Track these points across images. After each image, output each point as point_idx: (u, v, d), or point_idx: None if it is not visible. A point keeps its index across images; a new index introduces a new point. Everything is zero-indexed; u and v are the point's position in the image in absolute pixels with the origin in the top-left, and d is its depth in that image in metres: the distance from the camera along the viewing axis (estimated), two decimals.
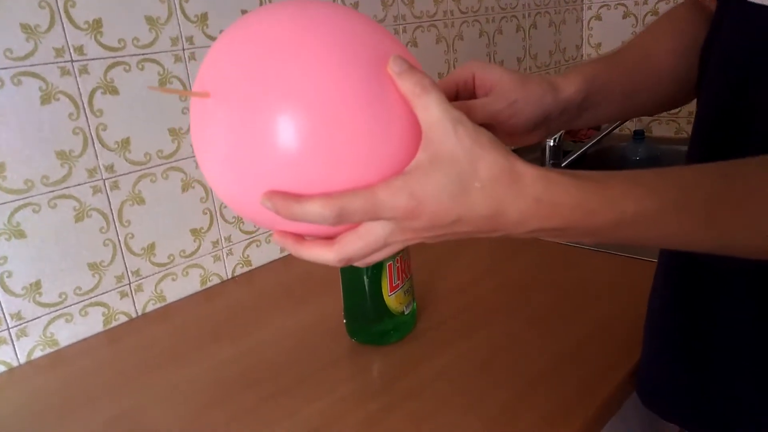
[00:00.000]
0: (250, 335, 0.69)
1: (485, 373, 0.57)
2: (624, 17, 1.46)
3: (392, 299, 0.63)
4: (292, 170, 0.33)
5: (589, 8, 1.53)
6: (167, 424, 0.55)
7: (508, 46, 1.35)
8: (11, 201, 0.66)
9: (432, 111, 0.34)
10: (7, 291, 0.66)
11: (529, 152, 1.37)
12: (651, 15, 1.42)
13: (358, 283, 0.63)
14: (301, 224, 0.35)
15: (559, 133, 1.21)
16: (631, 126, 1.45)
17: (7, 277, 0.66)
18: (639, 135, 1.31)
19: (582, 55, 1.57)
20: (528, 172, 0.34)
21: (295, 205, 0.33)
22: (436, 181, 0.34)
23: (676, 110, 1.42)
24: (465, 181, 0.34)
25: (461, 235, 0.36)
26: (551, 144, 1.21)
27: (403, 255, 0.63)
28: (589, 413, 0.51)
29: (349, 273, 0.64)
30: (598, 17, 1.51)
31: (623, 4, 1.46)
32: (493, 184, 0.34)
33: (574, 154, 1.25)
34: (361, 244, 0.35)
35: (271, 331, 0.69)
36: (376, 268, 0.61)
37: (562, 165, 1.22)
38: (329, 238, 0.37)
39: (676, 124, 1.44)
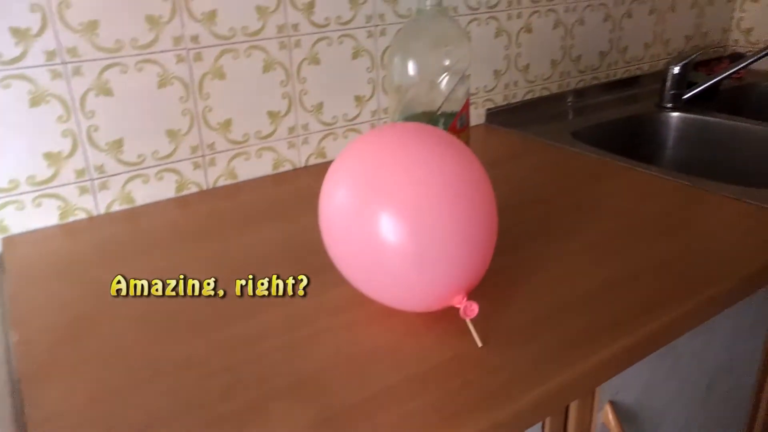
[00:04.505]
0: (310, 217, 0.69)
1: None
2: None
3: None
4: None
5: None
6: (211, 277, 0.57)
7: (634, 27, 1.19)
8: (102, 59, 0.68)
9: None
10: (93, 144, 0.71)
11: (649, 83, 1.22)
12: None
13: None
14: None
15: (688, 59, 1.06)
16: None
17: (93, 131, 0.70)
18: None
19: (728, 40, 1.34)
20: None
21: None
22: None
23: None
24: None
25: None
26: (675, 71, 1.06)
27: None
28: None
29: None
30: None
31: None
32: None
33: (700, 87, 1.09)
34: None
35: None
36: None
37: (684, 98, 1.08)
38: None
39: None
